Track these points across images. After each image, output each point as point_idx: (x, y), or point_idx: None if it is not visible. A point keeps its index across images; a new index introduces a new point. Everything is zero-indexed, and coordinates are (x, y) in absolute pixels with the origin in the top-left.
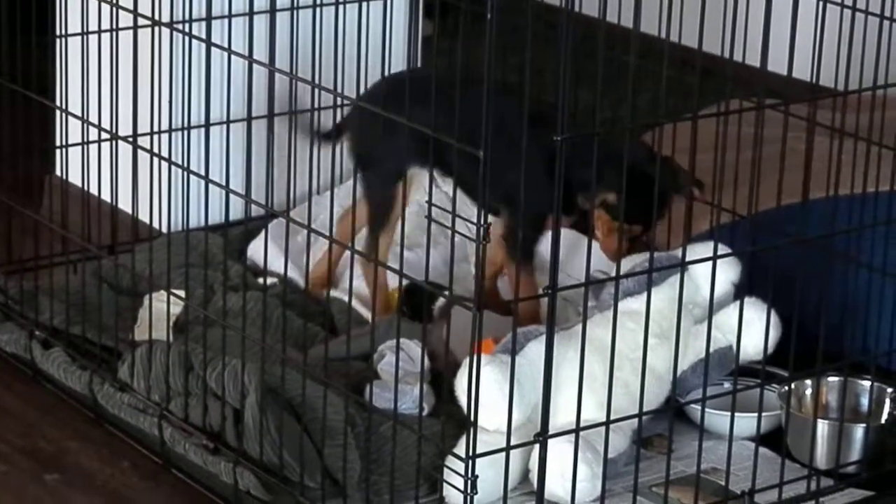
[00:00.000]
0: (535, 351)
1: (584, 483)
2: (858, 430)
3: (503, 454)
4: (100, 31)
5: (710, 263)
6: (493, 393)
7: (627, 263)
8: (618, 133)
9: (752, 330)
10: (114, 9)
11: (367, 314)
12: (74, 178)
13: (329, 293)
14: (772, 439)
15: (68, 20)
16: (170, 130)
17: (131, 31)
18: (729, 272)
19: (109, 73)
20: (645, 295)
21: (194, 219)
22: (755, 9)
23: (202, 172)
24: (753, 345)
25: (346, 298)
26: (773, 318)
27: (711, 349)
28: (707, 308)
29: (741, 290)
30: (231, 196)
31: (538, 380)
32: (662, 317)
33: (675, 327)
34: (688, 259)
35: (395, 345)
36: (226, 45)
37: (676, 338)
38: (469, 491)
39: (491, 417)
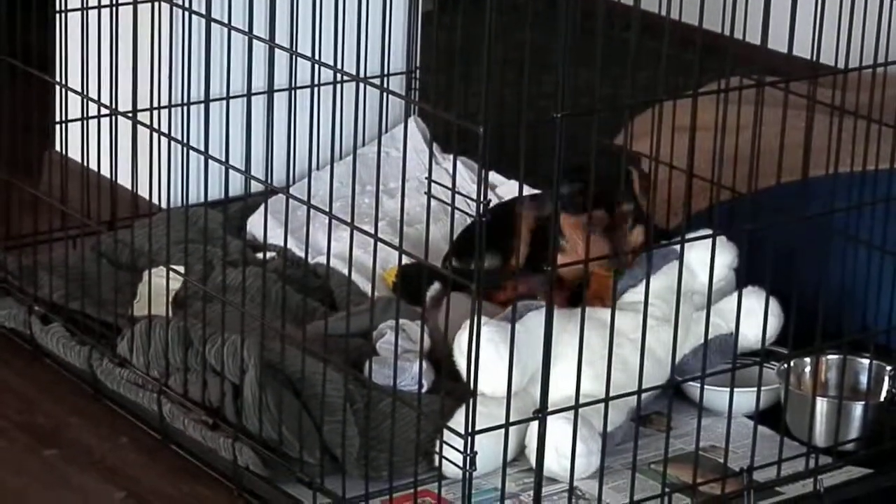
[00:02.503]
0: (534, 320)
1: (581, 459)
2: (857, 408)
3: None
4: (100, 7)
5: (705, 250)
6: (491, 354)
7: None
8: (618, 110)
9: (754, 319)
10: None
11: (366, 287)
12: (74, 153)
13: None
14: (771, 417)
15: None
16: (169, 106)
17: (131, 7)
18: (727, 256)
19: (109, 49)
20: (643, 286)
21: (194, 194)
22: None
23: (202, 148)
24: (755, 333)
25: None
26: (775, 307)
27: (712, 335)
28: (706, 296)
29: (741, 277)
30: (230, 172)
31: (537, 348)
32: (663, 301)
33: (675, 313)
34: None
35: (395, 323)
36: (226, 21)
37: (676, 320)
38: (468, 467)
39: (488, 380)
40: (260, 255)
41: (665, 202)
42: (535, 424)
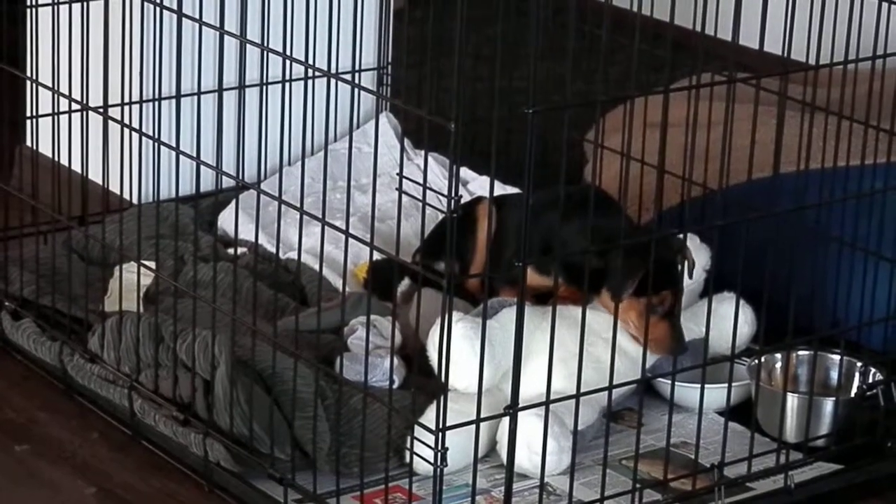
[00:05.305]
0: (508, 316)
1: (552, 456)
2: (828, 404)
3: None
4: (70, 1)
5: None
6: (465, 350)
7: None
8: (590, 105)
9: (728, 325)
10: None
11: (337, 283)
12: (45, 148)
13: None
14: (741, 413)
15: None
16: (141, 101)
17: (102, 2)
18: (699, 258)
19: (80, 44)
20: None
21: (165, 190)
22: None
23: (173, 144)
24: (728, 340)
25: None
26: (749, 314)
27: (686, 339)
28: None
29: (712, 280)
30: (202, 167)
31: (509, 344)
32: None
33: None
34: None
35: (366, 319)
36: (197, 16)
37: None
38: (439, 463)
39: (462, 376)
40: (231, 251)
41: (636, 198)
42: (506, 420)
